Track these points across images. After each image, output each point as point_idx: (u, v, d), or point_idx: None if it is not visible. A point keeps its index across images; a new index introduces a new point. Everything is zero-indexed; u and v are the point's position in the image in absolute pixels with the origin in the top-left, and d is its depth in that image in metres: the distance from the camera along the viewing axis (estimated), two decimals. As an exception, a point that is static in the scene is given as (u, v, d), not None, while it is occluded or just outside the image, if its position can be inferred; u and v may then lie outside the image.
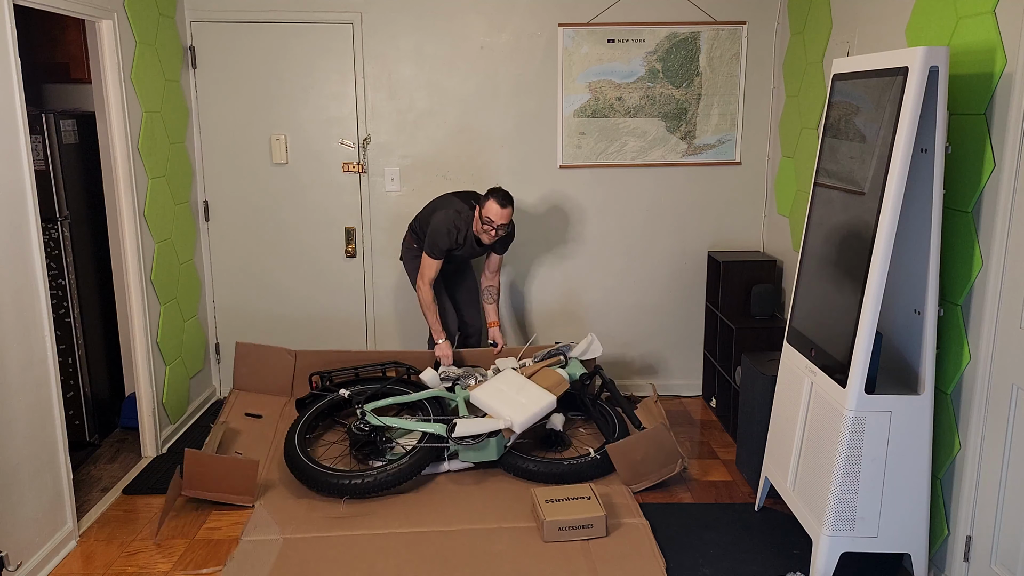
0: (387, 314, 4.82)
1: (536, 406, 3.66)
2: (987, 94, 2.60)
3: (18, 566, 2.88)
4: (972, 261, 2.67)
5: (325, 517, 3.35)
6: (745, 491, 3.67)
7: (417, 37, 4.50)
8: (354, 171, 4.64)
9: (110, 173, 4.15)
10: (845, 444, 2.73)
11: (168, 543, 3.24)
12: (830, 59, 3.81)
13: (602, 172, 4.66)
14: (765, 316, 4.25)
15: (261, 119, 4.57)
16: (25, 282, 2.98)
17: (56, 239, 3.89)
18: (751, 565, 3.08)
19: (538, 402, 3.68)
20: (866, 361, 2.67)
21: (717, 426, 4.45)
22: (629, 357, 4.90)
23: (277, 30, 4.48)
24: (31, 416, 3.00)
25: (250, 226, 4.69)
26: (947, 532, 2.84)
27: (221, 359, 4.85)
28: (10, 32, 2.87)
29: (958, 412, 2.77)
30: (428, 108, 4.58)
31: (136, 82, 3.85)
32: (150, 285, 4.01)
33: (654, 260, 4.78)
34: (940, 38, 2.87)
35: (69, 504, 3.21)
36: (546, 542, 3.16)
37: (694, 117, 4.60)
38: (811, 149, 4.03)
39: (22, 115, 2.94)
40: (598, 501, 3.26)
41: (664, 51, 4.52)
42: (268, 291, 4.77)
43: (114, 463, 3.96)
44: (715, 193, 4.70)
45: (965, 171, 2.72)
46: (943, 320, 2.82)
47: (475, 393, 3.79)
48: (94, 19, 3.55)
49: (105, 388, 4.28)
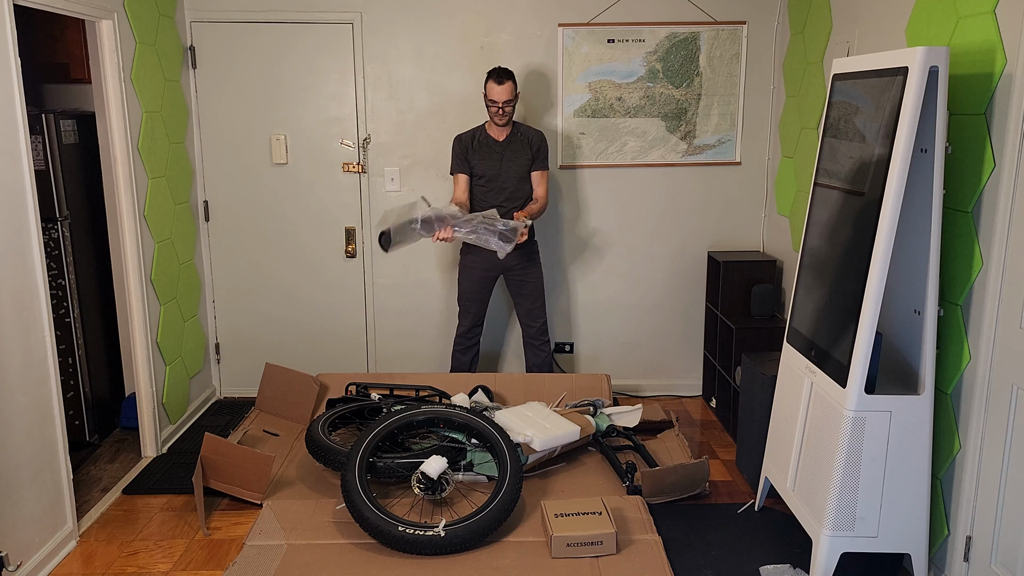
0: (387, 314, 4.82)
1: (559, 431, 3.68)
2: (987, 94, 2.60)
3: (18, 566, 2.88)
4: (972, 261, 2.67)
5: (330, 523, 3.32)
6: (745, 491, 3.67)
7: (417, 37, 4.50)
8: (354, 171, 4.64)
9: (110, 173, 4.16)
10: (845, 444, 2.73)
11: (168, 543, 3.24)
12: (830, 59, 3.81)
13: (602, 172, 4.66)
14: (765, 316, 4.25)
15: (261, 119, 4.57)
16: (25, 282, 2.98)
17: (56, 239, 3.89)
18: (752, 565, 3.08)
19: (562, 428, 3.70)
20: (866, 361, 2.67)
21: (717, 426, 4.45)
22: (629, 357, 4.90)
23: (277, 30, 4.48)
24: (31, 416, 3.00)
25: (250, 226, 4.69)
26: (947, 532, 2.84)
27: (221, 359, 4.85)
28: (10, 32, 2.87)
29: (958, 412, 2.77)
30: (428, 108, 4.58)
31: (136, 82, 3.85)
32: (150, 285, 4.01)
33: (654, 260, 4.78)
34: (940, 38, 2.87)
35: (69, 504, 3.21)
36: (554, 558, 3.07)
37: (694, 117, 4.60)
38: (811, 149, 4.03)
39: (22, 115, 2.94)
40: (609, 517, 3.15)
41: (664, 51, 4.52)
42: (268, 291, 4.77)
43: (114, 463, 3.96)
44: (715, 193, 4.70)
45: (965, 171, 2.71)
46: (943, 320, 2.82)
47: (500, 415, 3.80)
48: (94, 19, 3.55)
49: (105, 388, 4.28)
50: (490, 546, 3.16)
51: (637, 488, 3.54)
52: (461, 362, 4.45)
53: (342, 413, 3.96)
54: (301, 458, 3.90)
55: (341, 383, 4.43)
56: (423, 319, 4.82)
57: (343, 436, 4.03)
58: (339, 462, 3.50)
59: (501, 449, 3.39)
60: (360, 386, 4.30)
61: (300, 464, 3.84)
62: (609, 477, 3.73)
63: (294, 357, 4.84)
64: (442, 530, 3.05)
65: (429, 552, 3.06)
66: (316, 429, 3.68)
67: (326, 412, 3.90)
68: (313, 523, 3.32)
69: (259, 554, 3.11)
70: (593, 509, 3.22)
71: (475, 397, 4.21)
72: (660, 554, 3.11)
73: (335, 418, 3.90)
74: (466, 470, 3.63)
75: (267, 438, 4.06)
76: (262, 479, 3.47)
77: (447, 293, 4.78)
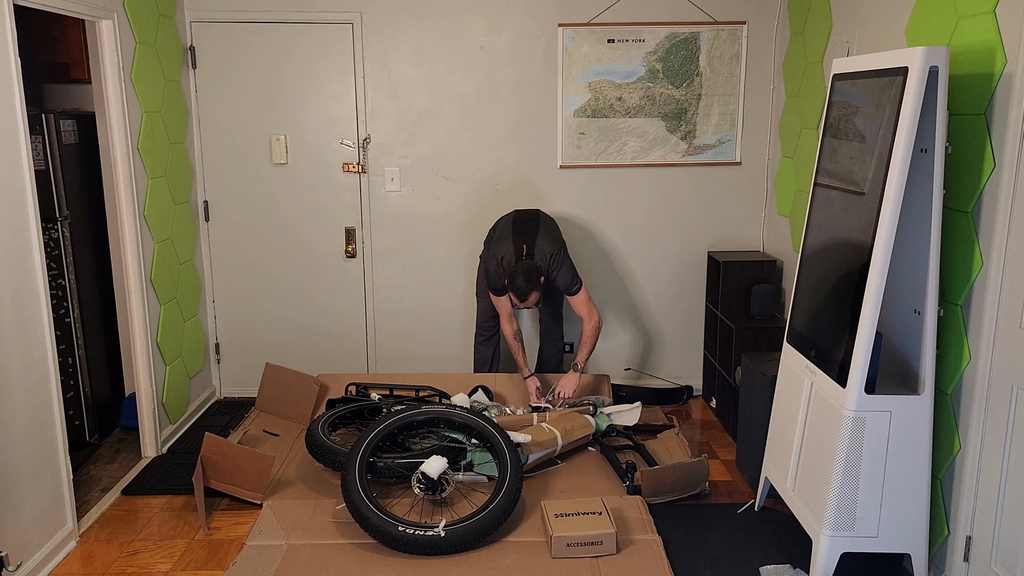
0: (387, 314, 4.82)
1: None
2: (987, 94, 2.60)
3: (18, 566, 2.88)
4: (972, 261, 2.67)
5: (330, 523, 3.32)
6: (745, 491, 3.67)
7: (417, 37, 4.50)
8: (354, 171, 4.64)
9: (110, 173, 4.15)
10: (845, 444, 2.73)
11: (168, 543, 3.24)
12: (830, 59, 3.81)
13: (602, 172, 4.66)
14: (765, 316, 4.25)
15: (261, 119, 4.57)
16: (25, 282, 2.98)
17: (56, 239, 3.89)
18: (752, 565, 3.08)
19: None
20: (866, 361, 2.67)
21: (717, 426, 4.45)
22: (629, 357, 4.90)
23: (277, 30, 4.48)
24: (31, 416, 3.00)
25: (250, 226, 4.69)
26: (947, 532, 2.84)
27: (221, 359, 4.85)
28: (10, 32, 2.87)
29: (958, 412, 2.77)
30: (428, 108, 4.58)
31: (136, 82, 3.85)
32: (150, 285, 4.01)
33: (654, 260, 4.78)
34: (940, 38, 2.87)
35: (69, 504, 3.21)
36: (554, 558, 3.07)
37: (694, 117, 4.60)
38: (811, 149, 4.03)
39: (22, 115, 2.94)
40: (609, 517, 3.15)
41: (664, 51, 4.52)
42: (268, 291, 4.77)
43: (114, 463, 3.96)
44: (715, 193, 4.70)
45: (965, 171, 2.71)
46: (943, 320, 2.81)
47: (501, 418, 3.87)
48: (94, 19, 3.55)
49: (105, 388, 4.28)
50: (490, 546, 3.16)
51: (637, 488, 3.54)
52: (483, 355, 4.46)
53: (342, 413, 3.96)
54: (301, 458, 3.90)
55: (341, 383, 4.43)
56: (423, 319, 4.82)
57: (343, 436, 4.03)
58: (339, 462, 3.50)
59: (501, 449, 3.39)
60: (360, 386, 4.30)
61: (300, 464, 3.84)
62: (609, 477, 3.73)
63: (294, 357, 4.84)
64: (442, 530, 3.05)
65: (429, 552, 3.06)
66: (316, 429, 3.68)
67: (326, 412, 3.90)
68: (313, 523, 3.32)
69: (259, 554, 3.11)
70: (593, 509, 3.22)
71: (475, 397, 4.21)
72: (660, 554, 3.11)
73: (335, 418, 3.90)
74: (466, 470, 3.63)
75: (267, 438, 4.06)
76: (262, 479, 3.47)
77: (447, 293, 4.78)
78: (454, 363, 4.87)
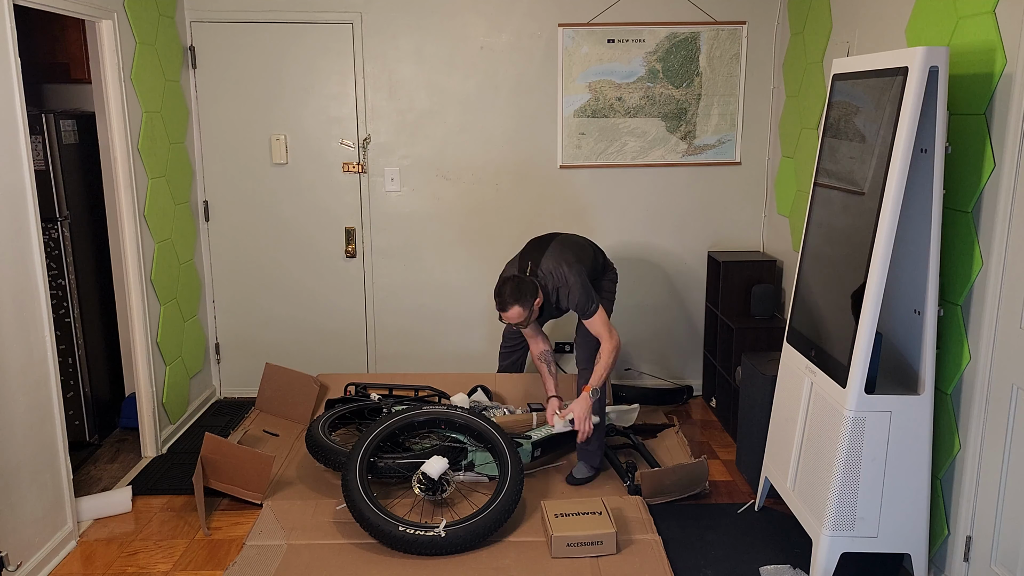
0: (387, 314, 4.82)
1: None
2: (987, 94, 2.60)
3: (18, 566, 2.88)
4: (972, 261, 2.67)
5: (331, 523, 3.33)
6: (745, 491, 3.67)
7: (417, 37, 4.50)
8: (354, 171, 4.64)
9: (110, 173, 4.15)
10: (845, 444, 2.73)
11: (168, 543, 3.24)
12: (830, 59, 3.81)
13: (602, 172, 4.66)
14: (765, 316, 4.25)
15: (261, 119, 4.57)
16: (25, 282, 2.98)
17: (56, 239, 3.89)
18: (752, 565, 3.08)
19: None
20: (866, 361, 2.67)
21: (717, 426, 4.45)
22: (629, 357, 4.90)
23: (277, 30, 4.48)
24: (31, 416, 3.00)
25: (250, 226, 4.69)
26: (947, 532, 2.84)
27: (221, 359, 4.85)
28: (10, 32, 2.87)
29: (958, 412, 2.77)
30: (428, 108, 4.58)
31: (136, 82, 3.85)
32: (150, 285, 4.01)
33: (654, 260, 4.78)
34: (940, 38, 2.87)
35: (69, 504, 3.21)
36: (554, 558, 3.08)
37: (694, 117, 4.60)
38: (811, 149, 4.03)
39: (22, 115, 2.94)
40: (609, 517, 3.16)
41: (664, 51, 4.52)
42: (268, 291, 4.77)
43: (114, 463, 3.96)
44: (715, 193, 4.70)
45: (965, 171, 2.72)
46: (943, 320, 2.82)
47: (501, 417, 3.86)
48: (94, 19, 3.55)
49: (105, 388, 4.28)
50: (490, 546, 3.16)
51: (637, 488, 3.54)
52: (503, 367, 4.29)
53: (342, 413, 3.96)
54: (301, 458, 3.90)
55: (341, 383, 4.43)
56: (423, 319, 4.82)
57: (343, 436, 4.03)
58: (339, 462, 3.50)
59: (502, 449, 3.39)
60: (359, 386, 4.30)
61: (300, 464, 3.84)
62: (609, 477, 3.73)
63: (294, 357, 4.84)
64: (443, 530, 3.05)
65: (430, 552, 3.06)
66: (316, 429, 3.68)
67: (326, 412, 3.90)
68: (313, 523, 3.33)
69: (259, 554, 3.11)
70: (593, 509, 3.22)
71: (474, 397, 4.21)
72: (660, 554, 3.11)
73: (335, 418, 3.90)
74: (467, 470, 3.63)
75: (267, 438, 4.06)
76: (262, 479, 3.47)
77: (447, 293, 4.78)
78: (454, 363, 4.87)
